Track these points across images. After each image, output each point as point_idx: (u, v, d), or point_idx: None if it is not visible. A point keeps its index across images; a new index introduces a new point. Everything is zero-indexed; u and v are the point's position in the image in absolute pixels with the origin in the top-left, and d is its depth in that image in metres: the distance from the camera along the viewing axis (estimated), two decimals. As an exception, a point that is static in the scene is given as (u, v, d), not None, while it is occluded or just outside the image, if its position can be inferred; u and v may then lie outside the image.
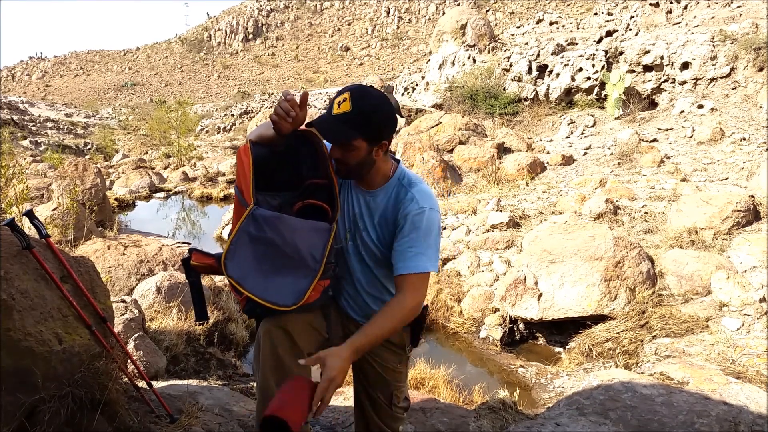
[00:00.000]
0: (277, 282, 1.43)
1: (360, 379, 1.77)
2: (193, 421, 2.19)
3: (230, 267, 1.39)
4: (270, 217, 1.41)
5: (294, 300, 1.44)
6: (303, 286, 1.45)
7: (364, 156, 1.49)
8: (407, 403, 1.83)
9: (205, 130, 31.60)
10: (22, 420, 1.72)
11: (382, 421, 1.75)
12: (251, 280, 1.40)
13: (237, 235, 1.40)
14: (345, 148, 1.46)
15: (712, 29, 10.54)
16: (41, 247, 1.88)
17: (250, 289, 1.40)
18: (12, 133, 23.45)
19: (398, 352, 1.71)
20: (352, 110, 1.41)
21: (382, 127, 1.48)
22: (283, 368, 1.48)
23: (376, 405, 1.74)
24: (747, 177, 6.69)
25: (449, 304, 4.94)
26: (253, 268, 1.41)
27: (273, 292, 1.42)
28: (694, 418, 2.43)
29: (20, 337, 1.68)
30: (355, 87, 1.47)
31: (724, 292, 3.98)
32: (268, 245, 1.41)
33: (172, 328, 3.92)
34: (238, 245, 1.40)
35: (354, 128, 1.42)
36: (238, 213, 1.46)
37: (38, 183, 7.95)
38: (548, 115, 11.83)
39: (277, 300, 1.42)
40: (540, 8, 58.59)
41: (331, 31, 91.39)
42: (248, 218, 1.40)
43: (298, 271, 1.45)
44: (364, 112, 1.42)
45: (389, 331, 1.43)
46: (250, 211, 1.40)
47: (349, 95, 1.42)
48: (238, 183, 1.49)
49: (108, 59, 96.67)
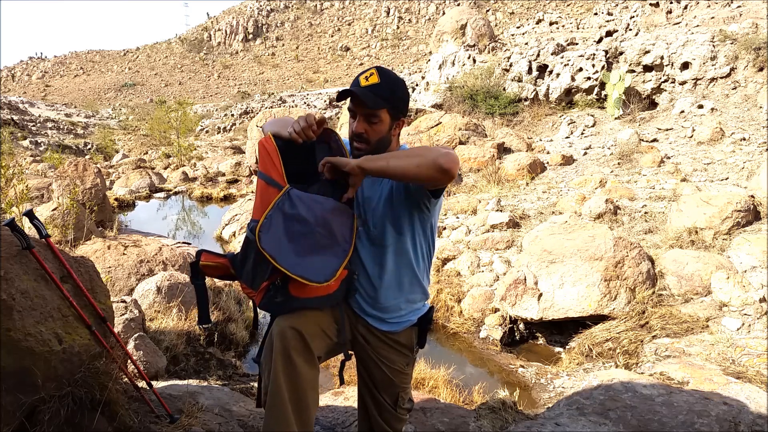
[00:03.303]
0: (309, 259, 1.44)
1: (366, 381, 1.76)
2: (193, 421, 2.18)
3: (264, 240, 1.39)
4: (304, 197, 1.44)
5: (326, 278, 1.44)
6: (335, 266, 1.47)
7: (385, 131, 1.56)
8: (411, 404, 1.84)
9: (205, 130, 31.61)
10: (23, 420, 1.73)
11: (386, 423, 1.76)
12: (284, 255, 1.41)
13: (272, 211, 1.42)
14: (371, 119, 1.52)
15: (712, 29, 10.54)
16: (41, 247, 1.88)
17: (283, 262, 1.40)
18: (12, 133, 23.47)
19: (405, 353, 1.72)
20: (381, 82, 1.50)
21: (404, 102, 1.58)
22: (295, 370, 1.47)
23: (380, 407, 1.75)
24: (747, 177, 6.69)
25: (449, 304, 4.94)
26: (286, 244, 1.42)
27: (304, 268, 1.42)
28: (694, 418, 2.43)
29: (20, 337, 1.68)
30: (378, 66, 1.57)
31: (724, 292, 3.98)
32: (302, 223, 1.43)
33: (172, 328, 3.92)
34: (273, 220, 1.41)
35: (383, 99, 1.50)
36: (266, 196, 1.47)
37: (38, 183, 7.96)
38: (548, 115, 11.83)
39: (309, 276, 1.42)
40: (540, 8, 58.63)
41: (331, 31, 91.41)
42: (284, 196, 1.42)
43: (330, 249, 1.47)
44: (390, 85, 1.52)
45: (408, 165, 1.38)
46: (286, 191, 1.43)
47: (375, 71, 1.52)
48: (265, 169, 1.50)
49: (108, 59, 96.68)
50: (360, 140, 1.55)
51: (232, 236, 7.92)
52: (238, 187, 12.74)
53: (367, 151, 1.54)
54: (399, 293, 1.67)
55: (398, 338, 1.70)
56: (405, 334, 1.71)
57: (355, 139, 1.55)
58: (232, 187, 12.77)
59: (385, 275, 1.64)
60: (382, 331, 1.68)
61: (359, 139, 1.55)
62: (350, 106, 1.55)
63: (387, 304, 1.66)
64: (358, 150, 1.55)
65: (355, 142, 1.56)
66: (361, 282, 1.66)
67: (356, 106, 1.53)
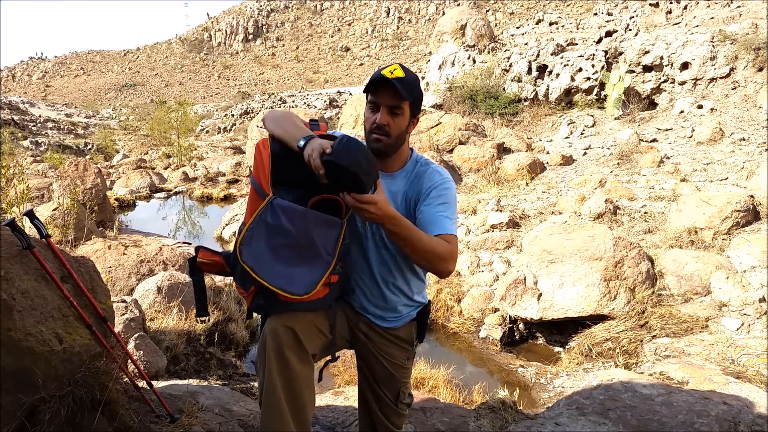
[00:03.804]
0: (289, 271, 1.44)
1: (367, 377, 1.78)
2: (194, 420, 2.19)
3: (245, 253, 1.40)
4: (287, 208, 1.43)
5: (305, 290, 1.44)
6: (315, 277, 1.46)
7: (404, 127, 1.58)
8: (411, 399, 1.87)
9: (205, 131, 31.62)
10: (23, 420, 1.73)
11: (386, 418, 1.78)
12: (265, 267, 1.41)
13: (254, 222, 1.42)
14: (395, 112, 1.54)
15: (712, 29, 10.54)
16: (42, 247, 1.89)
17: (263, 275, 1.40)
18: (12, 133, 23.47)
19: (406, 347, 1.76)
20: (406, 77, 1.52)
21: (421, 99, 1.61)
22: (289, 368, 1.47)
23: (382, 402, 1.77)
24: (746, 177, 6.69)
25: (449, 304, 4.94)
26: (268, 256, 1.42)
27: (285, 280, 1.42)
28: (694, 418, 2.43)
29: (21, 337, 1.68)
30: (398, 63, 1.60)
31: (724, 292, 3.99)
32: (284, 235, 1.43)
33: (172, 328, 3.93)
34: (254, 232, 1.42)
35: (408, 92, 1.52)
36: (254, 203, 1.49)
37: (39, 183, 7.96)
38: (548, 115, 11.84)
39: (289, 288, 1.42)
40: (540, 8, 58.62)
41: (331, 32, 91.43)
42: (266, 207, 1.42)
43: (312, 261, 1.47)
44: (413, 80, 1.55)
45: (421, 245, 1.43)
46: (269, 201, 1.43)
47: (398, 66, 1.54)
48: (256, 174, 1.51)
49: (108, 59, 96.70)
50: (382, 132, 1.55)
51: (232, 236, 7.93)
52: (239, 187, 12.74)
53: (387, 144, 1.57)
54: (403, 293, 1.71)
55: (399, 333, 1.73)
56: (405, 329, 1.74)
57: (376, 131, 1.56)
58: (233, 187, 12.77)
59: (391, 276, 1.67)
60: (383, 328, 1.71)
61: (381, 131, 1.55)
62: (372, 98, 1.56)
63: (391, 304, 1.69)
64: (377, 142, 1.56)
65: (375, 134, 1.56)
66: (366, 282, 1.68)
67: (382, 97, 1.53)
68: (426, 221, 1.54)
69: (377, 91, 1.54)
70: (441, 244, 1.46)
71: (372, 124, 1.56)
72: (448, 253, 1.46)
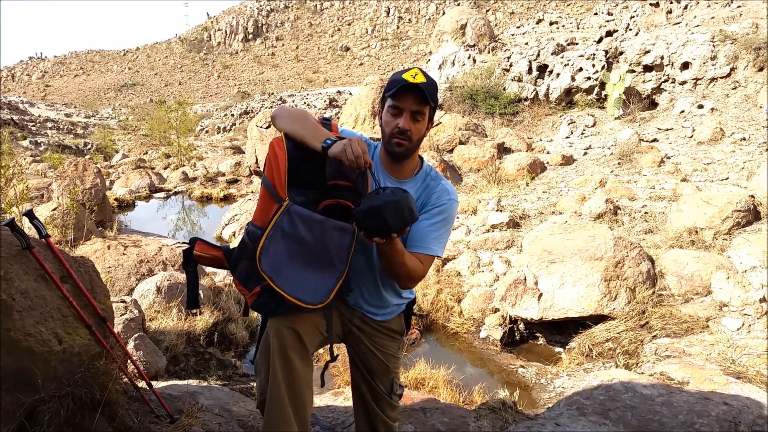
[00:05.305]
0: (303, 278, 1.45)
1: (362, 371, 1.81)
2: (193, 421, 2.18)
3: (264, 262, 1.41)
4: (304, 215, 1.43)
5: (321, 299, 1.46)
6: (330, 286, 1.48)
7: (423, 132, 1.60)
8: (402, 390, 1.93)
9: (205, 130, 31.62)
10: (22, 420, 1.72)
11: (382, 411, 1.82)
12: (283, 276, 1.42)
13: (272, 230, 1.42)
14: (417, 117, 1.55)
15: (712, 29, 10.54)
16: (41, 247, 1.88)
17: (281, 284, 1.41)
18: (12, 133, 23.46)
19: (397, 338, 1.83)
20: (428, 82, 1.52)
21: (437, 105, 1.64)
22: (292, 368, 1.50)
23: (376, 395, 1.81)
24: (747, 177, 6.69)
25: (449, 304, 4.94)
26: (284, 264, 1.43)
27: (302, 289, 1.44)
28: (694, 418, 2.43)
29: (20, 338, 1.67)
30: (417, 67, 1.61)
31: (724, 292, 3.98)
32: (299, 242, 1.43)
33: (172, 328, 3.92)
34: (272, 241, 1.42)
35: (432, 97, 1.53)
36: (266, 204, 1.48)
37: (38, 183, 7.95)
38: (548, 115, 11.83)
39: (304, 298, 1.44)
40: (540, 8, 58.62)
41: (331, 31, 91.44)
42: (284, 214, 1.42)
43: (326, 270, 1.48)
44: (434, 86, 1.56)
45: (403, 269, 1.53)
46: (286, 207, 1.42)
47: (419, 70, 1.54)
48: (270, 176, 1.49)
49: (108, 59, 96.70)
50: (404, 137, 1.56)
51: (232, 236, 7.92)
52: (238, 187, 12.73)
53: (408, 148, 1.58)
54: (397, 293, 1.77)
55: (390, 325, 1.79)
56: (395, 320, 1.81)
57: (398, 135, 1.56)
58: (232, 187, 12.77)
59: (391, 279, 1.69)
60: (377, 321, 1.76)
61: (404, 136, 1.56)
62: (395, 102, 1.54)
63: (386, 303, 1.75)
64: (399, 146, 1.57)
65: (397, 138, 1.56)
66: (366, 284, 1.71)
67: (406, 102, 1.53)
68: (416, 236, 1.59)
69: (400, 96, 1.53)
70: (415, 266, 1.55)
71: (394, 129, 1.56)
72: (416, 276, 1.57)
